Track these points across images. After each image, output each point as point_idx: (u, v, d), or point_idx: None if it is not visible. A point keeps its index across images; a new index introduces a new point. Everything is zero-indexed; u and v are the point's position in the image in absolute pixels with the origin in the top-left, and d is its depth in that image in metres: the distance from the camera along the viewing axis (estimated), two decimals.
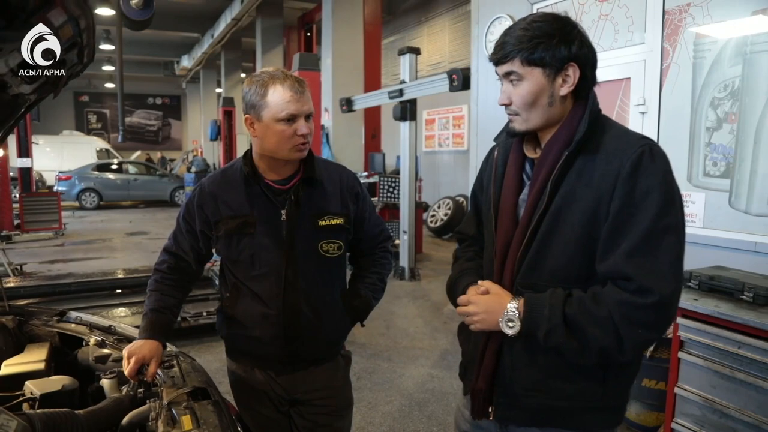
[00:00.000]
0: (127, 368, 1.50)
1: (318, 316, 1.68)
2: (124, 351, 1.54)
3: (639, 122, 3.37)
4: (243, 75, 17.56)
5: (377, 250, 1.87)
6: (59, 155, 18.04)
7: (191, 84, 22.16)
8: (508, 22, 4.33)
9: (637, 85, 3.38)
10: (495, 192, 1.36)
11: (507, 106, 1.27)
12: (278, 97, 1.53)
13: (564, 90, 1.22)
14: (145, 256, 8.50)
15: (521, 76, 1.21)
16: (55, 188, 13.89)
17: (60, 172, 15.39)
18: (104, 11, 11.36)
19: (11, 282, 5.27)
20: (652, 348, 2.91)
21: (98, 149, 19.59)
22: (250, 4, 10.98)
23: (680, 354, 2.50)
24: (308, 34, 13.01)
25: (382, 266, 1.88)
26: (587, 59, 1.22)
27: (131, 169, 16.79)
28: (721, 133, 2.96)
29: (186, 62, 18.23)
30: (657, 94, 3.26)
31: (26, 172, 10.28)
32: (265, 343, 1.67)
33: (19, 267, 6.58)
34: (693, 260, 2.97)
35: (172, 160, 23.72)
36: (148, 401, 1.45)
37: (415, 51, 6.98)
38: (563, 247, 1.21)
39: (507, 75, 1.24)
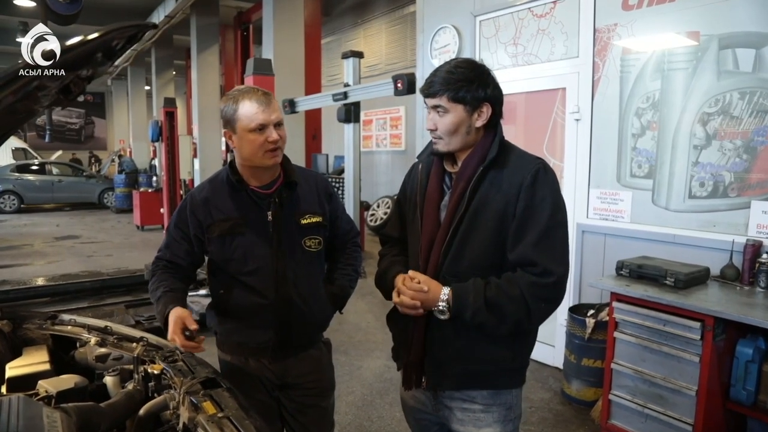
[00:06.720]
0: (171, 333, 1.60)
1: (306, 304, 1.86)
2: (169, 337, 1.63)
3: (574, 128, 3.73)
4: (174, 73, 17.02)
5: (349, 244, 2.08)
6: None
7: (117, 81, 21.16)
8: (453, 32, 4.61)
9: (572, 94, 3.74)
10: (420, 199, 1.63)
11: (433, 131, 1.55)
12: (247, 110, 1.71)
13: (479, 123, 1.52)
14: (81, 261, 8.19)
15: (446, 109, 1.50)
16: None
17: None
18: (25, 2, 10.72)
19: None
20: (590, 331, 3.28)
21: (14, 148, 18.37)
22: (186, 2, 10.73)
23: (615, 334, 2.85)
24: (245, 33, 12.86)
25: (354, 258, 2.09)
26: (498, 99, 1.53)
27: (55, 169, 15.93)
28: (644, 139, 3.36)
29: None
30: (589, 103, 3.63)
31: None
32: (260, 332, 1.84)
33: None
34: (622, 251, 3.37)
35: (99, 161, 22.58)
36: (164, 392, 1.57)
37: (359, 55, 7.14)
38: (480, 240, 1.49)
39: (435, 107, 1.52)
